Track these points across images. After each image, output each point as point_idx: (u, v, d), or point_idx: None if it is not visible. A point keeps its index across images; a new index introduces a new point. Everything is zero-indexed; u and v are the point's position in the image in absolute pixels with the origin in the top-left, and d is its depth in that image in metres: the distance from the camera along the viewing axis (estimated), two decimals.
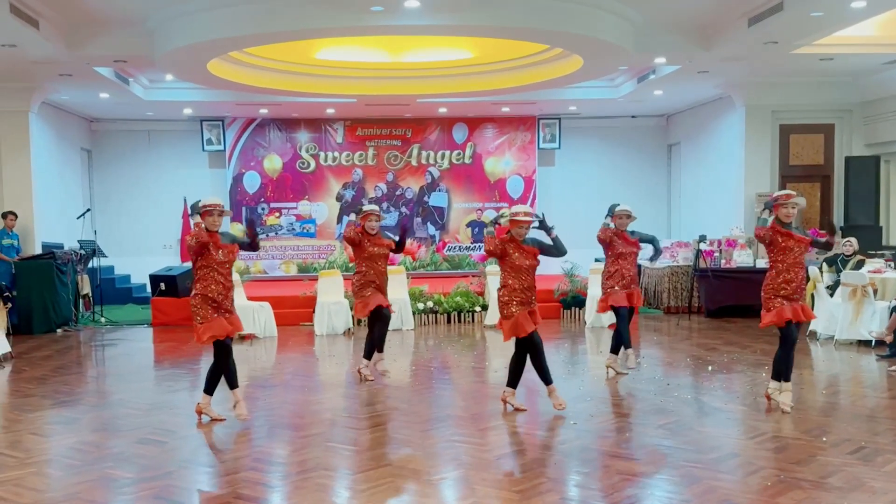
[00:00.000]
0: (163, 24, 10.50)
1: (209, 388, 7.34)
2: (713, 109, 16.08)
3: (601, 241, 8.91)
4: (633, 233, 9.02)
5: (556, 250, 7.58)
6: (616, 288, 8.86)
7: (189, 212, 7.36)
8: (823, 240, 7.77)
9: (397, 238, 8.91)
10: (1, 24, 9.53)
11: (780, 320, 7.23)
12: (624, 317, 8.97)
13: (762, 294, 7.40)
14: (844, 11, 9.73)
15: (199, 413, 7.36)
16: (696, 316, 13.81)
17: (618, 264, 8.90)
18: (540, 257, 7.53)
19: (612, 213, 8.96)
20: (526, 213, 7.36)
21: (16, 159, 13.81)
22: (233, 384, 7.34)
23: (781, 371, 7.45)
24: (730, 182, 15.27)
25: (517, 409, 7.49)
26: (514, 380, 7.56)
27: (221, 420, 7.29)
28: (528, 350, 7.44)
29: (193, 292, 7.26)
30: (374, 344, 8.90)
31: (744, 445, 6.34)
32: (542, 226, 7.48)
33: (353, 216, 9.49)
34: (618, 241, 8.91)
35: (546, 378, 7.49)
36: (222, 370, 7.30)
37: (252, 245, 7.56)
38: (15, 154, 13.80)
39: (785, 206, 7.24)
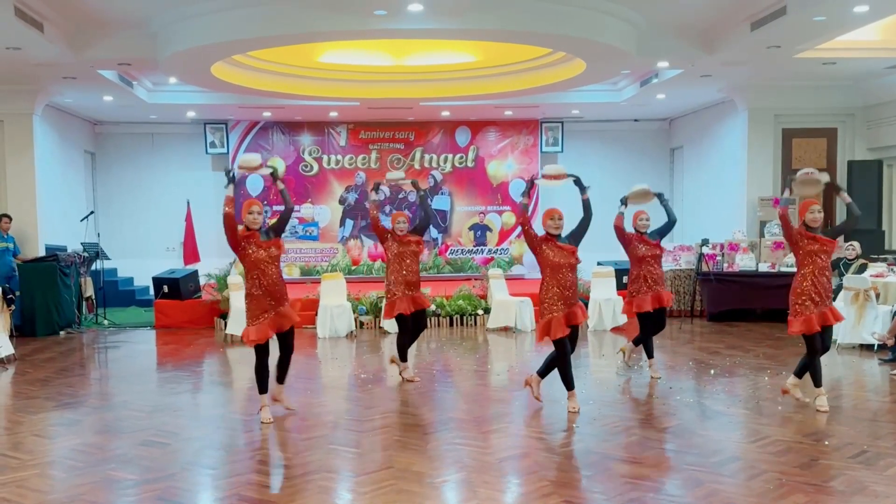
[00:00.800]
0: (167, 27, 10.53)
1: (262, 388, 7.34)
2: (716, 113, 16.09)
3: (616, 228, 9.13)
4: (652, 233, 9.09)
5: (587, 218, 7.82)
6: (642, 292, 8.94)
7: (229, 180, 7.30)
8: (841, 226, 7.76)
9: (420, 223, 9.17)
10: (5, 26, 9.56)
11: (809, 329, 7.29)
12: (647, 323, 9.03)
13: (791, 298, 7.41)
14: (847, 16, 9.74)
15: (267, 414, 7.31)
16: (698, 319, 13.81)
17: (639, 268, 8.94)
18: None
19: (625, 202, 9.02)
20: (558, 171, 7.44)
21: (19, 162, 13.83)
22: (279, 379, 7.53)
23: (814, 378, 7.48)
24: (732, 186, 15.27)
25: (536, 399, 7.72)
26: (545, 370, 7.79)
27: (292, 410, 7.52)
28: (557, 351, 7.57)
29: (245, 290, 7.35)
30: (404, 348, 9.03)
31: (746, 449, 6.35)
32: (578, 184, 7.54)
33: (373, 194, 9.20)
34: (638, 244, 8.98)
35: (567, 383, 7.59)
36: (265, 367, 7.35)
37: (287, 208, 7.52)
38: (19, 156, 13.82)
39: (811, 213, 7.36)
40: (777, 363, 9.79)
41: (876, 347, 10.42)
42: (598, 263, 14.41)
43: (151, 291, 14.91)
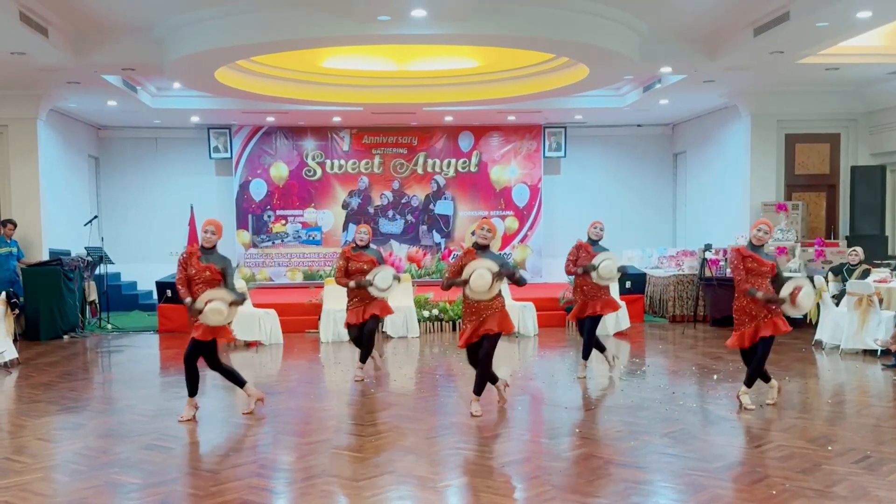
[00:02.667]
0: (171, 32, 10.56)
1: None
2: (719, 118, 16.10)
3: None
4: (598, 248, 9.46)
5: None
6: (579, 301, 9.45)
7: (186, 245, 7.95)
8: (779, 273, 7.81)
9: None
10: (10, 31, 9.59)
11: (741, 344, 7.74)
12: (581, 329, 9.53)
13: (734, 315, 7.87)
14: (850, 22, 9.75)
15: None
16: (701, 325, 13.80)
17: (580, 278, 9.40)
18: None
19: (587, 270, 9.26)
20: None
21: (24, 166, 13.87)
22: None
23: (762, 378, 7.92)
24: (735, 191, 15.27)
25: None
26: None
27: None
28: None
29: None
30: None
31: (749, 454, 6.35)
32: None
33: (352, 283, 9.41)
34: (583, 256, 9.39)
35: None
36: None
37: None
38: (23, 161, 13.86)
39: (759, 231, 7.69)
40: (780, 368, 9.77)
41: (879, 353, 10.41)
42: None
43: (155, 296, 14.92)
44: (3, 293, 10.90)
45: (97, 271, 14.62)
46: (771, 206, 14.29)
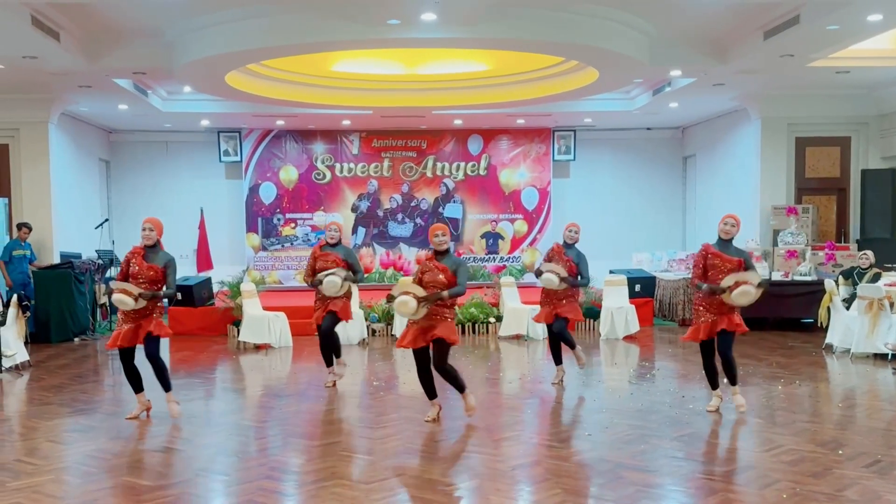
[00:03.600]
0: (182, 36, 10.61)
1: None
2: (729, 122, 16.07)
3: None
4: (570, 251, 9.13)
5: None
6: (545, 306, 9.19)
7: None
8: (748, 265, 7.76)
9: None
10: (23, 36, 9.66)
11: (695, 338, 7.71)
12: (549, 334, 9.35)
13: (693, 309, 7.94)
14: (861, 25, 9.73)
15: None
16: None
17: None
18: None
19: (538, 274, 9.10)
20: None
21: (35, 169, 13.94)
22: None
23: (711, 380, 7.90)
24: (745, 194, 15.24)
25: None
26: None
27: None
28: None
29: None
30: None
31: (759, 458, 6.33)
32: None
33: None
34: (554, 257, 9.17)
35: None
36: None
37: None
38: (34, 164, 13.93)
39: (725, 224, 7.76)
40: (790, 372, 9.75)
41: (890, 356, 10.37)
42: (611, 272, 14.40)
43: (166, 300, 14.95)
44: (15, 295, 10.97)
45: (108, 274, 14.68)
46: (781, 210, 14.25)
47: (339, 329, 12.43)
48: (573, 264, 8.95)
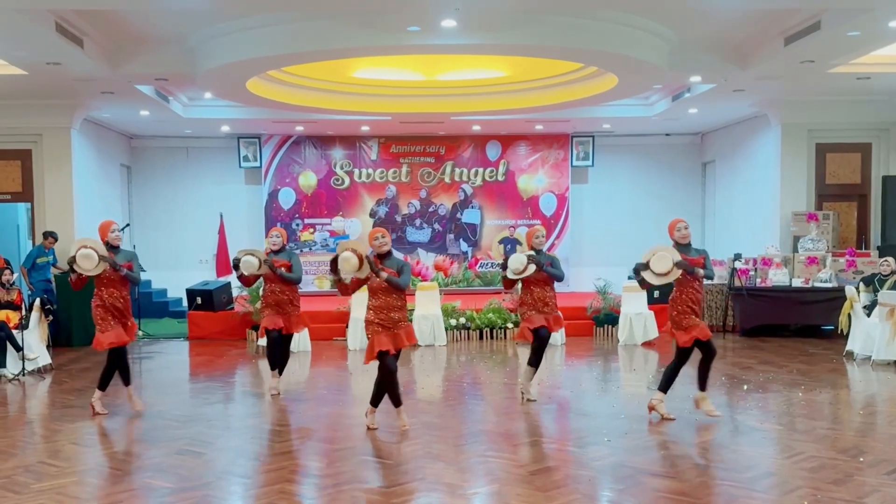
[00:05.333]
0: (203, 43, 10.70)
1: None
2: (748, 128, 16.01)
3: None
4: (544, 256, 8.97)
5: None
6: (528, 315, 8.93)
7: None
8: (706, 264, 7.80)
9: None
10: (47, 42, 9.77)
11: (689, 341, 7.68)
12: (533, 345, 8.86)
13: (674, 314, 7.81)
14: (882, 31, 9.69)
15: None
16: (730, 335, 13.70)
17: (527, 290, 8.99)
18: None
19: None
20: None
21: (58, 174, 14.08)
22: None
23: (666, 383, 7.92)
24: (765, 200, 15.17)
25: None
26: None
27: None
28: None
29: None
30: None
31: (780, 465, 6.31)
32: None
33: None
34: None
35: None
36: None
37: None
38: (57, 169, 14.07)
39: (678, 231, 7.86)
40: (810, 379, 9.70)
41: None
42: (629, 278, 14.33)
43: (185, 303, 15.08)
44: (38, 300, 11.08)
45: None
46: (801, 216, 14.18)
47: (359, 333, 12.57)
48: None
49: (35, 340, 10.55)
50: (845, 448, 6.70)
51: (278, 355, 9.17)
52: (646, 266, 7.75)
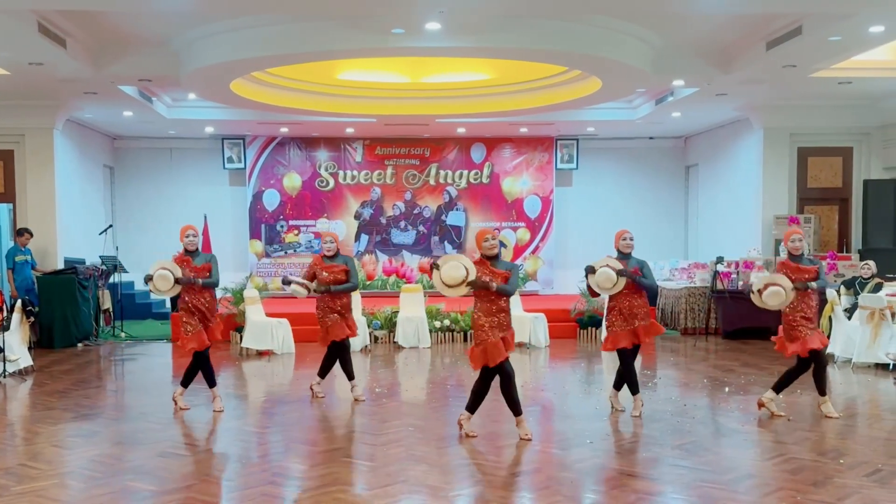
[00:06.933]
0: (188, 44, 10.67)
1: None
2: (731, 131, 16.11)
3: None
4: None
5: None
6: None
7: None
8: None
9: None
10: (29, 42, 9.72)
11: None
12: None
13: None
14: (863, 36, 9.78)
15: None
16: (713, 337, 13.78)
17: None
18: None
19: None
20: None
21: (40, 175, 14.00)
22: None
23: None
24: (747, 204, 15.27)
25: (468, 436, 7.21)
26: (473, 405, 7.33)
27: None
28: (500, 378, 7.12)
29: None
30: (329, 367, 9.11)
31: (760, 466, 6.35)
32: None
33: (285, 288, 9.19)
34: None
35: (515, 409, 7.18)
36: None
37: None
38: (39, 170, 14.00)
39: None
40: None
41: (891, 366, 10.38)
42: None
43: (168, 305, 15.02)
44: (19, 301, 11.01)
45: (111, 280, 14.73)
46: (783, 219, 14.28)
47: None
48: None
49: (16, 342, 10.48)
50: (826, 450, 6.75)
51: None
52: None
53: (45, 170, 14.03)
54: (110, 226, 15.78)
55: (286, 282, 8.92)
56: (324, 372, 9.08)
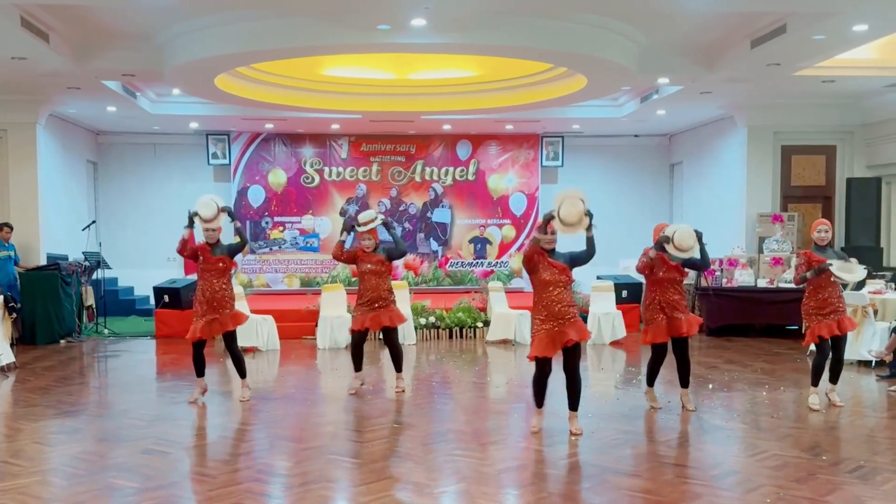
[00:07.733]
0: (172, 39, 10.60)
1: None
2: (715, 130, 16.17)
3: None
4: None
5: (589, 255, 7.47)
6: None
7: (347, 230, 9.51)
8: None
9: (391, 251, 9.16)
10: (11, 37, 9.63)
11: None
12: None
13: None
14: (846, 35, 9.83)
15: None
16: (697, 334, 13.79)
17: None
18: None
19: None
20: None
21: (22, 171, 13.90)
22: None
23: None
24: (731, 202, 15.34)
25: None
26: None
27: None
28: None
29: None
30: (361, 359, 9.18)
31: (744, 463, 6.38)
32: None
33: (344, 235, 9.61)
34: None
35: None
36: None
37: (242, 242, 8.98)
38: (22, 166, 13.89)
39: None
40: (774, 378, 9.83)
41: (874, 363, 10.45)
42: (598, 277, 14.47)
43: (152, 301, 14.94)
44: (1, 297, 10.93)
45: (94, 276, 14.64)
46: (767, 217, 14.35)
47: (328, 332, 12.51)
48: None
49: None
50: (808, 446, 6.79)
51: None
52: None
53: (28, 165, 13.92)
54: (93, 222, 15.69)
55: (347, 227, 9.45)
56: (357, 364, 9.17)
